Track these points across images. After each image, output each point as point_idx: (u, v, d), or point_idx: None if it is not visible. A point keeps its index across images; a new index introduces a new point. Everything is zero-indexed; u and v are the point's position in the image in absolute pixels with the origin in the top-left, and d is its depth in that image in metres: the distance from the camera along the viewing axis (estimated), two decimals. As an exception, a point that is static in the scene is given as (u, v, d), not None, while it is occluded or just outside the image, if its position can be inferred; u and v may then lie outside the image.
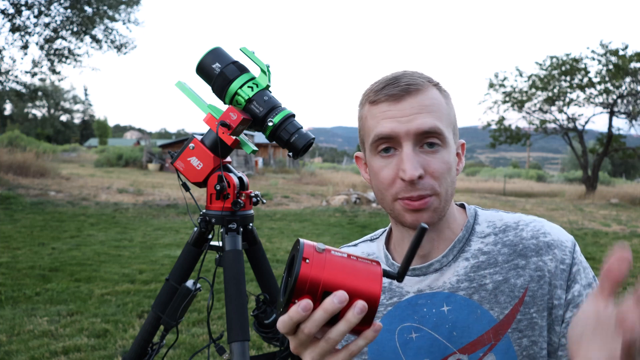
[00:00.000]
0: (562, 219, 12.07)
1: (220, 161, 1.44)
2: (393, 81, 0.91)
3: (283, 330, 0.64)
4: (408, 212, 0.90)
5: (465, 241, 0.97)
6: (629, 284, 5.76)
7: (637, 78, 19.71)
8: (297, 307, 0.62)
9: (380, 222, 10.40)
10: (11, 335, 3.72)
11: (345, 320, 0.63)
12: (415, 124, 0.87)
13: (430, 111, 0.89)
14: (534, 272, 0.91)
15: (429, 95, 0.91)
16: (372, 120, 0.93)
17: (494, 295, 0.92)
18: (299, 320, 0.62)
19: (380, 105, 0.91)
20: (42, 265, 5.71)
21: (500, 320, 0.91)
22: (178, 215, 10.56)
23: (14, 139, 22.92)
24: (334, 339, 0.64)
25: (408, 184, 0.87)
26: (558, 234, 0.94)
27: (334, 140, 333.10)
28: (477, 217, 1.01)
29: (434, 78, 0.95)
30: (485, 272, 0.94)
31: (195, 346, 3.59)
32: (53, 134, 72.14)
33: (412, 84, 0.90)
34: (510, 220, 0.98)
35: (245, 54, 1.44)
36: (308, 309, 0.62)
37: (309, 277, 0.62)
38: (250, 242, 1.59)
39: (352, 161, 62.39)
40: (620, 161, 44.81)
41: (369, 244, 1.10)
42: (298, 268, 0.62)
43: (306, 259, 0.62)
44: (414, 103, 0.89)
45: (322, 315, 0.62)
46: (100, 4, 14.52)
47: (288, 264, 0.68)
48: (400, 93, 0.89)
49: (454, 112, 0.96)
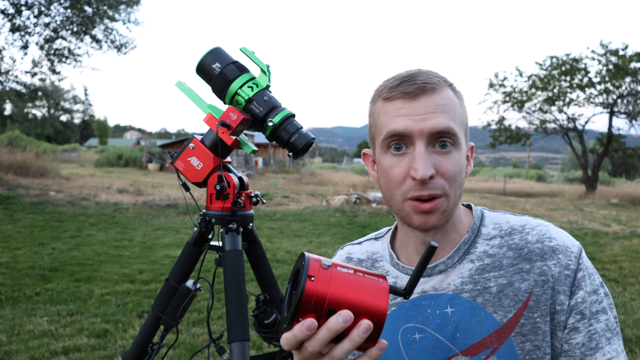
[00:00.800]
0: (562, 219, 12.06)
1: (220, 161, 1.44)
2: (409, 79, 0.90)
3: (287, 348, 0.64)
4: (417, 213, 0.89)
5: (470, 243, 0.97)
6: (629, 283, 5.76)
7: (637, 78, 19.70)
8: (302, 326, 0.61)
9: (380, 222, 10.39)
10: (11, 335, 3.72)
11: (349, 339, 0.63)
12: (430, 124, 0.86)
13: (445, 111, 0.88)
14: (538, 277, 0.91)
15: (444, 95, 0.90)
16: (385, 117, 0.91)
17: (498, 298, 0.92)
18: (302, 339, 0.62)
19: (394, 102, 0.90)
20: (42, 265, 5.71)
21: (503, 324, 0.91)
22: (178, 215, 10.56)
23: (14, 139, 22.92)
24: (337, 357, 0.64)
25: (419, 183, 0.86)
26: (564, 239, 0.93)
27: (334, 140, 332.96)
28: (483, 218, 1.00)
29: (449, 79, 0.94)
30: (490, 275, 0.93)
31: (195, 346, 3.59)
32: (53, 134, 72.11)
33: (429, 83, 0.89)
34: (516, 223, 0.98)
35: (245, 54, 1.44)
36: (312, 329, 0.61)
37: (314, 294, 0.61)
38: (250, 242, 1.59)
39: (352, 161, 62.24)
40: (620, 161, 44.80)
41: (373, 242, 1.10)
42: (303, 285, 0.61)
43: (312, 276, 0.61)
44: (429, 102, 0.88)
45: (326, 335, 0.62)
46: (100, 4, 14.51)
47: (292, 277, 0.68)
48: (416, 91, 0.88)
49: (466, 114, 0.95)
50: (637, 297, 5.17)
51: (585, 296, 0.90)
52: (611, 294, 4.72)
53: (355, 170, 32.64)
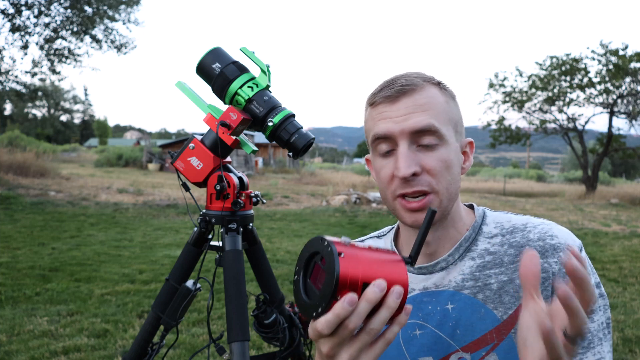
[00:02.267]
0: (562, 219, 12.06)
1: (220, 161, 1.44)
2: (390, 83, 0.94)
3: (327, 331, 0.62)
4: (407, 212, 0.92)
5: (472, 241, 0.98)
6: (629, 283, 5.76)
7: (637, 78, 19.70)
8: (343, 302, 0.60)
9: (380, 222, 10.40)
10: (11, 335, 3.72)
11: (386, 307, 0.63)
12: (409, 123, 0.89)
13: (425, 109, 0.90)
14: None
15: (424, 94, 0.92)
16: (371, 121, 0.96)
17: (499, 295, 0.92)
18: (345, 315, 0.61)
19: (378, 107, 0.94)
20: (42, 265, 5.71)
21: (503, 321, 0.91)
22: (178, 215, 10.56)
23: (14, 139, 22.93)
24: (376, 328, 0.64)
25: (403, 181, 0.89)
26: (565, 237, 0.94)
27: (334, 140, 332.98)
28: (485, 217, 1.01)
29: (436, 78, 0.96)
30: (491, 272, 0.94)
31: (195, 346, 3.59)
32: (53, 134, 72.12)
33: (407, 85, 0.92)
34: (518, 222, 0.99)
35: (245, 54, 1.44)
36: (354, 303, 0.61)
37: (348, 272, 0.61)
38: (250, 242, 1.59)
39: (352, 161, 62.31)
40: (620, 161, 44.80)
41: (376, 240, 1.12)
42: (337, 265, 0.61)
43: (340, 253, 0.62)
44: (408, 103, 0.91)
45: (365, 307, 0.62)
46: (100, 4, 14.52)
47: (304, 263, 0.67)
48: (395, 94, 0.92)
49: (456, 110, 0.97)
50: (637, 297, 5.17)
51: None
52: (611, 294, 4.67)
53: (355, 170, 32.65)
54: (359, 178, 21.86)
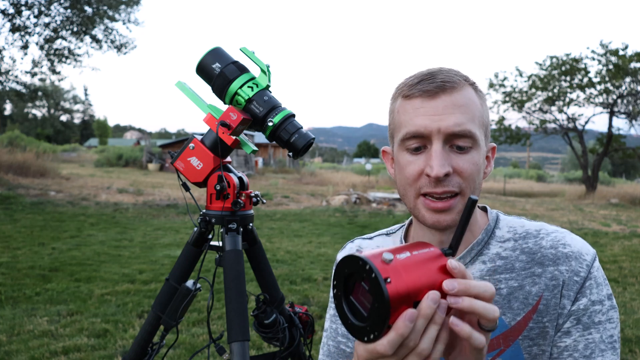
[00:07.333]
0: (562, 219, 12.06)
1: (220, 161, 1.44)
2: (429, 77, 0.89)
3: (390, 352, 0.60)
4: (429, 211, 0.89)
5: (484, 244, 0.96)
6: (629, 283, 5.75)
7: (637, 78, 19.69)
8: (404, 320, 0.58)
9: (380, 222, 10.39)
10: (11, 335, 3.72)
11: (433, 323, 0.61)
12: (448, 123, 0.86)
13: (464, 111, 0.87)
14: (549, 281, 0.90)
15: (464, 94, 0.89)
16: (404, 115, 0.91)
17: (508, 300, 0.91)
18: (408, 333, 0.59)
19: (413, 100, 0.89)
20: (42, 265, 5.71)
21: (511, 327, 0.90)
22: (178, 215, 10.56)
23: (14, 139, 22.91)
24: (426, 348, 0.62)
25: (433, 180, 0.86)
26: (579, 247, 0.92)
27: (334, 140, 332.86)
28: (498, 221, 0.99)
29: (470, 77, 0.93)
30: (501, 277, 0.93)
31: (195, 346, 3.59)
32: (53, 134, 72.09)
33: (448, 82, 0.88)
34: (531, 228, 0.97)
35: (245, 54, 1.44)
36: (414, 319, 0.59)
37: (397, 295, 0.59)
38: (250, 242, 1.58)
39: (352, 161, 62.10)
40: (620, 161, 44.77)
41: (384, 237, 1.10)
42: (386, 292, 0.58)
43: (387, 278, 0.59)
44: (448, 101, 0.87)
45: (422, 324, 0.60)
46: (100, 4, 14.51)
47: (342, 282, 0.64)
48: (434, 90, 0.87)
49: (487, 114, 0.94)
50: (637, 297, 5.17)
51: (588, 304, 0.89)
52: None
53: (355, 170, 32.64)
54: (359, 178, 21.86)
